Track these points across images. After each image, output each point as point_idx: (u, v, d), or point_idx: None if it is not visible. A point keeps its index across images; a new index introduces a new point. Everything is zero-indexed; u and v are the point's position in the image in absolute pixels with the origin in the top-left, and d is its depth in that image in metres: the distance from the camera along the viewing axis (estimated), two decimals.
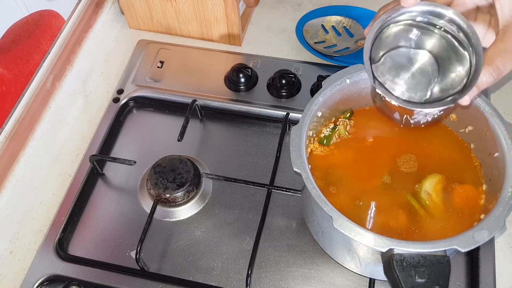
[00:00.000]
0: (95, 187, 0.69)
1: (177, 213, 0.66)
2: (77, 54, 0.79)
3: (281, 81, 0.74)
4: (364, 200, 0.56)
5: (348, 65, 0.60)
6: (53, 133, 0.73)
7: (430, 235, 0.53)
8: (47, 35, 0.72)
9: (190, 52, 0.81)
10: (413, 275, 0.45)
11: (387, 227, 0.54)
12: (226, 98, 0.75)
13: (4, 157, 0.66)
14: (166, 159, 0.67)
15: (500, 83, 0.76)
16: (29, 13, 0.67)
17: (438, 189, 0.56)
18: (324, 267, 0.61)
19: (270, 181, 0.66)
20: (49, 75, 0.73)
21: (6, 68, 0.65)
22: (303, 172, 0.51)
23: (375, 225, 0.54)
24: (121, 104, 0.76)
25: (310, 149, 0.59)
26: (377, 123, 0.62)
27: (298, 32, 0.81)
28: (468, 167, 0.58)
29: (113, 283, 0.61)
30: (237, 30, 0.80)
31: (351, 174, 0.58)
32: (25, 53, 0.68)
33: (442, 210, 0.55)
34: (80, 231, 0.66)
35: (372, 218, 0.55)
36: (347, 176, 0.58)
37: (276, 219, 0.65)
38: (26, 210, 0.67)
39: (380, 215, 0.55)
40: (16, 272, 0.63)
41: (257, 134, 0.73)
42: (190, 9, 0.79)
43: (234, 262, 0.62)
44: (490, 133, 0.55)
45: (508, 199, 0.49)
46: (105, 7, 0.84)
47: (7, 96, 0.66)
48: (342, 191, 0.56)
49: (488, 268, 0.59)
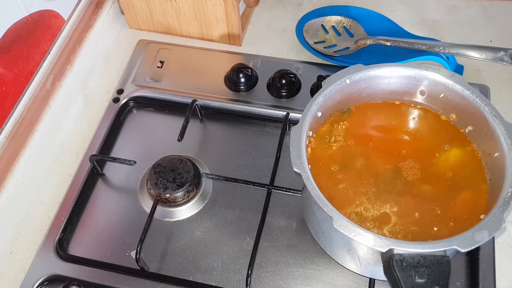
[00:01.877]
0: (95, 187, 0.69)
1: (177, 213, 0.66)
2: (77, 54, 0.79)
3: (281, 81, 0.74)
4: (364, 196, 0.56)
5: (348, 65, 0.60)
6: (53, 133, 0.73)
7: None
8: (47, 35, 0.72)
9: (190, 52, 0.81)
10: (413, 275, 0.45)
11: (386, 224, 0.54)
12: (226, 98, 0.75)
13: (4, 157, 0.66)
14: (166, 159, 0.67)
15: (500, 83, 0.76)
16: (29, 13, 0.67)
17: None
18: (324, 267, 0.61)
19: (270, 181, 0.66)
20: (49, 75, 0.73)
21: (6, 68, 0.65)
22: (303, 172, 0.51)
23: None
24: (121, 104, 0.76)
25: (310, 149, 0.59)
26: (378, 120, 0.62)
27: (298, 32, 0.81)
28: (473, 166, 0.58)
29: (113, 283, 0.61)
30: (237, 30, 0.80)
31: (351, 174, 0.58)
32: (25, 53, 0.68)
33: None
34: (80, 231, 0.66)
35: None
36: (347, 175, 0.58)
37: (276, 219, 0.65)
38: (26, 210, 0.68)
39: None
40: (16, 272, 0.63)
41: (257, 134, 0.73)
42: (190, 9, 0.79)
43: (234, 262, 0.62)
44: (490, 133, 0.55)
45: (508, 199, 0.49)
46: (105, 7, 0.84)
47: (7, 96, 0.66)
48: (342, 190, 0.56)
49: (488, 268, 0.59)
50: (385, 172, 0.57)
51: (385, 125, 0.61)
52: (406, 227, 0.54)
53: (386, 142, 0.60)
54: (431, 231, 0.53)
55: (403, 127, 0.61)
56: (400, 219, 0.54)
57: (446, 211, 0.54)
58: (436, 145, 0.59)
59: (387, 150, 0.59)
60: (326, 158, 0.59)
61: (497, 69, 0.77)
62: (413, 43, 0.72)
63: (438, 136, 0.60)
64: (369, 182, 0.57)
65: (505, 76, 0.77)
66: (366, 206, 0.55)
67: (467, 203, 0.55)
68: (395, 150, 0.59)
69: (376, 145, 0.59)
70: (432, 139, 0.60)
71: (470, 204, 0.55)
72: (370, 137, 0.60)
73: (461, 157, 0.58)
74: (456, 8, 0.86)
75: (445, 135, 0.60)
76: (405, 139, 0.60)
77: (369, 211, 0.55)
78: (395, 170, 0.58)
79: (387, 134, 0.61)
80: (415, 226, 0.54)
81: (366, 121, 0.62)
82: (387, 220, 0.54)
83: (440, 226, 0.54)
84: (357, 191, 0.56)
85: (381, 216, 0.55)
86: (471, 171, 0.57)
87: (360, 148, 0.59)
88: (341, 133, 0.61)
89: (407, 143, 0.60)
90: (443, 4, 0.87)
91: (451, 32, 0.83)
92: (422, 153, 0.59)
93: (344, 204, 0.55)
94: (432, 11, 0.86)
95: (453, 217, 0.54)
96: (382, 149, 0.59)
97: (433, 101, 0.61)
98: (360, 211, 0.55)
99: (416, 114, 0.62)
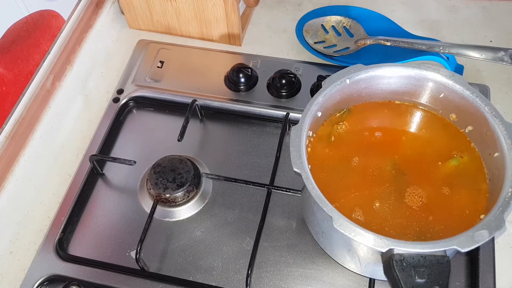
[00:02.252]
0: (95, 187, 0.69)
1: (177, 213, 0.66)
2: (77, 54, 0.79)
3: (281, 81, 0.74)
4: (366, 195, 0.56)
5: (348, 65, 0.60)
6: (53, 133, 0.73)
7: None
8: (47, 35, 0.72)
9: (190, 52, 0.81)
10: (413, 275, 0.45)
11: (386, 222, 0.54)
12: (226, 98, 0.75)
13: (4, 157, 0.66)
14: (166, 159, 0.67)
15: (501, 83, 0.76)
16: (29, 13, 0.67)
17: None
18: (324, 267, 0.62)
19: (270, 181, 0.66)
20: (49, 75, 0.73)
21: (6, 68, 0.65)
22: (303, 172, 0.51)
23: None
24: (121, 104, 0.76)
25: (310, 149, 0.59)
26: (378, 120, 0.62)
27: (298, 32, 0.81)
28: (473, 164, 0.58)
29: (113, 283, 0.61)
30: (237, 30, 0.80)
31: (351, 174, 0.58)
32: (25, 53, 0.68)
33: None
34: (80, 231, 0.66)
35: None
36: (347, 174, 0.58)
37: (276, 219, 0.65)
38: (26, 210, 0.68)
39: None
40: (16, 272, 0.63)
41: (257, 134, 0.73)
42: (190, 9, 0.79)
43: (234, 262, 0.62)
44: (490, 133, 0.55)
45: (508, 199, 0.49)
46: (105, 7, 0.84)
47: (7, 96, 0.66)
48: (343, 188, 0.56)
49: (488, 268, 0.59)
50: (385, 172, 0.57)
51: (385, 125, 0.61)
52: (406, 226, 0.54)
53: (386, 142, 0.60)
54: (431, 230, 0.53)
55: (403, 127, 0.61)
56: (400, 218, 0.54)
57: (446, 211, 0.55)
58: (437, 145, 0.59)
59: (387, 150, 0.59)
60: (326, 158, 0.59)
61: (497, 69, 0.77)
62: (413, 43, 0.72)
63: (438, 136, 0.60)
64: (369, 182, 0.57)
65: (505, 76, 0.77)
66: (367, 205, 0.55)
67: (467, 203, 0.55)
68: (395, 150, 0.59)
69: (376, 145, 0.59)
70: (432, 139, 0.60)
71: (470, 204, 0.55)
72: (370, 137, 0.60)
73: (462, 158, 0.58)
74: (456, 8, 0.86)
75: (446, 135, 0.60)
76: (405, 139, 0.60)
77: (369, 211, 0.55)
78: (395, 170, 0.58)
79: (387, 134, 0.61)
80: (416, 226, 0.54)
81: (366, 121, 0.62)
82: (387, 219, 0.54)
83: (440, 225, 0.54)
84: (357, 191, 0.56)
85: (381, 215, 0.55)
86: (471, 171, 0.57)
87: (360, 148, 0.59)
88: (341, 133, 0.61)
89: (407, 143, 0.60)
90: (443, 4, 0.87)
91: (451, 32, 0.83)
92: (422, 152, 0.59)
93: (344, 204, 0.55)
94: (432, 11, 0.86)
95: (453, 217, 0.54)
96: (382, 149, 0.59)
97: (433, 101, 0.61)
98: (360, 210, 0.55)
99: (416, 114, 0.62)
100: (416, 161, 0.58)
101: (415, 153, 0.59)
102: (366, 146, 0.60)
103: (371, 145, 0.60)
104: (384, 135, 0.60)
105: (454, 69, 0.75)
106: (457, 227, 0.53)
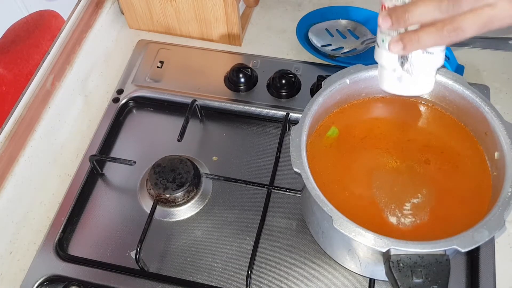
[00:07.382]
0: (95, 187, 0.69)
1: (177, 213, 0.66)
2: (77, 54, 0.79)
3: (281, 81, 0.74)
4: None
5: (348, 65, 0.60)
6: (53, 133, 0.73)
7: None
8: (47, 35, 0.72)
9: (190, 52, 0.81)
10: (410, 275, 0.45)
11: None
12: (226, 98, 0.75)
13: (4, 157, 0.66)
14: (166, 159, 0.67)
15: (500, 83, 0.76)
16: (29, 13, 0.67)
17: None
18: (324, 267, 0.61)
19: (270, 181, 0.66)
20: (49, 75, 0.73)
21: (6, 68, 0.65)
22: (303, 172, 0.51)
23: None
24: (121, 104, 0.76)
25: (310, 149, 0.59)
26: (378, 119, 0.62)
27: (298, 32, 0.81)
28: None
29: (113, 283, 0.61)
30: (237, 30, 0.80)
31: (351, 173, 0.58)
32: (25, 53, 0.68)
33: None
34: (80, 231, 0.66)
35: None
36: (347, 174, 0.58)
37: (276, 219, 0.65)
38: (25, 210, 0.67)
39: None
40: (16, 272, 0.63)
41: (257, 134, 0.73)
42: (190, 9, 0.79)
43: (234, 262, 0.62)
44: (490, 133, 0.55)
45: (508, 199, 0.49)
46: (105, 7, 0.84)
47: (7, 96, 0.66)
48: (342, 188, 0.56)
49: (488, 268, 0.59)
50: (386, 171, 0.57)
51: (385, 123, 0.61)
52: (407, 226, 0.54)
53: (387, 141, 0.60)
54: (431, 230, 0.53)
55: (404, 124, 0.61)
56: (400, 218, 0.54)
57: (446, 211, 0.54)
58: (438, 143, 0.59)
59: (387, 149, 0.59)
60: (326, 158, 0.59)
61: (497, 69, 0.77)
62: None
63: (440, 133, 0.60)
64: (369, 182, 0.57)
65: (505, 76, 0.77)
66: (367, 205, 0.55)
67: (468, 202, 0.55)
68: (396, 149, 0.59)
69: (376, 144, 0.59)
70: (433, 138, 0.60)
71: (470, 203, 0.55)
72: (370, 136, 0.60)
73: (463, 156, 0.58)
74: None
75: (448, 132, 0.60)
76: (406, 138, 0.60)
77: (370, 210, 0.55)
78: (396, 168, 0.57)
79: (387, 133, 0.60)
80: (416, 225, 0.54)
81: (366, 120, 0.62)
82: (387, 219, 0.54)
83: (440, 225, 0.54)
84: (358, 190, 0.56)
85: (381, 214, 0.55)
86: (473, 170, 0.57)
87: (361, 148, 0.59)
88: (341, 132, 0.61)
89: (408, 142, 0.60)
90: None
91: None
92: (423, 151, 0.59)
93: (344, 204, 0.55)
94: None
95: (453, 216, 0.54)
96: (382, 148, 0.59)
97: (433, 101, 0.61)
98: (360, 210, 0.55)
99: (417, 112, 0.61)
100: (417, 160, 0.58)
101: (416, 152, 0.59)
102: (366, 145, 0.59)
103: (371, 144, 0.60)
104: (385, 134, 0.60)
105: (455, 69, 0.75)
106: (457, 227, 0.53)
